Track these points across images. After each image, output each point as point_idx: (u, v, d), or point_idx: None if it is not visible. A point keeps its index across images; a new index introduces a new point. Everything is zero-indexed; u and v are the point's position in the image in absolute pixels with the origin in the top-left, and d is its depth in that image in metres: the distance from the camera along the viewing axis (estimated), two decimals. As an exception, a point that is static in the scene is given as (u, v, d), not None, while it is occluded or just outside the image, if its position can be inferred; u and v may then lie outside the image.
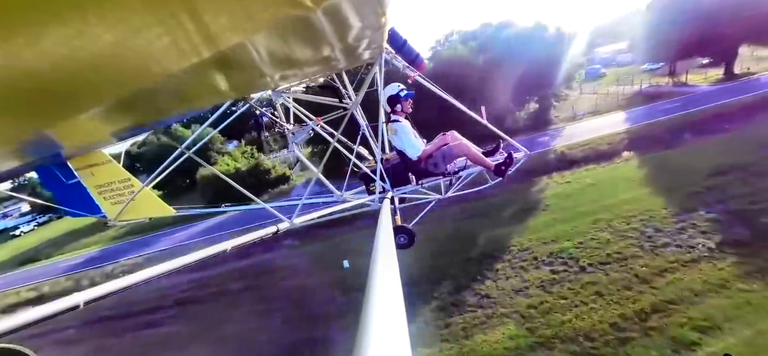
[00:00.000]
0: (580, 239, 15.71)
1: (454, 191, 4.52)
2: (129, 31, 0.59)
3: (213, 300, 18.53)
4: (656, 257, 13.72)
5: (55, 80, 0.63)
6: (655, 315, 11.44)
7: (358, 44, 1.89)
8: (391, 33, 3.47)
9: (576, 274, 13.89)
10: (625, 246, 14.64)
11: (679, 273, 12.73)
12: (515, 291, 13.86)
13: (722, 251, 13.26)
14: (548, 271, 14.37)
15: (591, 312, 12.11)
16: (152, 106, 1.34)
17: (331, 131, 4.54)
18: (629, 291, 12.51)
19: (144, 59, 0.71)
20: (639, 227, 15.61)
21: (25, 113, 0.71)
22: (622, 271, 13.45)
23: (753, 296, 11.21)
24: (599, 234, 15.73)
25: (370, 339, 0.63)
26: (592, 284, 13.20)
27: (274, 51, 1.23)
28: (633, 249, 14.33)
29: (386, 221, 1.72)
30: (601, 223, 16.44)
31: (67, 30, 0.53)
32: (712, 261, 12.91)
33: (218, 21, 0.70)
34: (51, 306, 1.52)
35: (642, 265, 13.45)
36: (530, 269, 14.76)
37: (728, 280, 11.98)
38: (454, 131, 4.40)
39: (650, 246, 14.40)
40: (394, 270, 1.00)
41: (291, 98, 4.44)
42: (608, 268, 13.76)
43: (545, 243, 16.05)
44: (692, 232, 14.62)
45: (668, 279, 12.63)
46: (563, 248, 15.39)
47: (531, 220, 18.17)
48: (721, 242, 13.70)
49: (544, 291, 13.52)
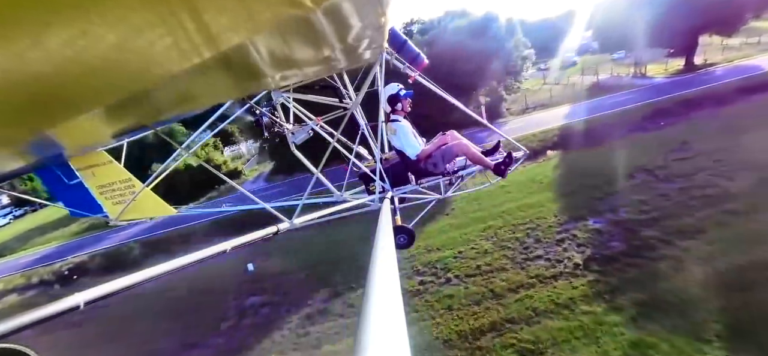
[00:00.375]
0: (462, 248, 15.34)
1: (454, 191, 4.53)
2: (131, 33, 0.59)
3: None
4: (521, 271, 13.31)
5: (58, 82, 0.64)
6: (490, 334, 11.16)
7: (359, 44, 1.86)
8: (391, 33, 3.47)
9: (440, 286, 13.61)
10: (497, 257, 14.24)
11: (533, 290, 12.34)
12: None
13: (586, 268, 12.77)
14: (417, 282, 14.11)
15: (434, 327, 11.89)
16: (153, 106, 1.33)
17: (331, 131, 4.50)
18: (478, 307, 12.21)
19: (146, 60, 0.71)
20: (522, 236, 15.14)
21: (29, 115, 0.71)
22: (482, 285, 13.11)
23: (590, 319, 10.81)
24: (482, 243, 15.32)
25: (370, 339, 0.63)
26: (449, 297, 12.92)
27: (274, 51, 1.23)
28: (503, 262, 13.93)
29: (386, 221, 1.69)
30: (489, 231, 16.02)
31: (69, 32, 0.53)
32: (570, 279, 12.46)
33: (219, 21, 0.70)
34: (51, 307, 1.52)
35: (503, 280, 13.07)
36: (403, 278, 14.49)
37: (575, 300, 11.57)
38: (454, 131, 4.38)
39: (523, 258, 13.98)
40: (394, 270, 1.01)
41: (291, 98, 4.43)
42: (471, 281, 13.42)
43: (430, 251, 15.71)
44: (569, 245, 14.12)
45: (520, 295, 12.26)
46: (442, 257, 15.06)
47: (430, 225, 17.75)
48: (589, 257, 13.20)
49: (405, 302, 13.26)
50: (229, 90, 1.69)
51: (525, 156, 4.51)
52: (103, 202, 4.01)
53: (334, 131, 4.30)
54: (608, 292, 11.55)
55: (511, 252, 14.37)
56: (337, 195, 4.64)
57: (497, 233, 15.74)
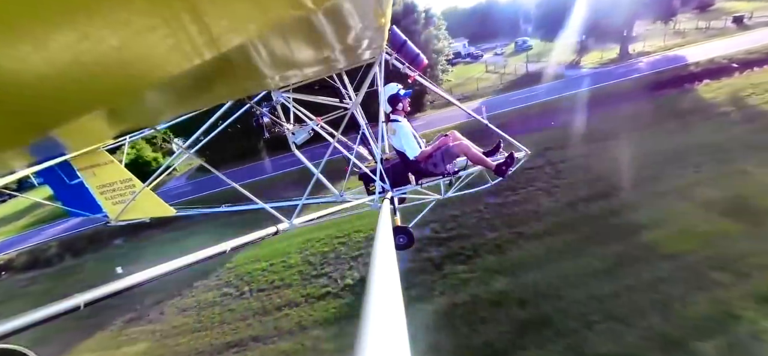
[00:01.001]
0: (276, 260, 15.96)
1: (454, 191, 4.47)
2: (134, 34, 0.61)
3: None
4: (302, 288, 13.88)
5: (60, 83, 0.64)
6: (233, 349, 12.04)
7: (359, 44, 1.88)
8: (391, 33, 3.51)
9: (234, 298, 14.47)
10: (293, 273, 14.82)
11: (295, 309, 12.95)
12: (182, 310, 14.77)
13: (352, 289, 13.17)
14: (217, 293, 15.03)
15: (194, 340, 12.87)
16: (154, 106, 1.34)
17: (331, 131, 4.50)
18: (244, 322, 13.03)
19: (147, 61, 0.72)
20: (328, 251, 15.55)
21: (31, 115, 0.72)
22: (263, 300, 13.85)
23: (312, 343, 11.40)
24: (295, 256, 15.89)
25: (370, 339, 0.64)
26: (230, 311, 13.79)
27: (274, 52, 1.24)
28: (294, 278, 14.52)
29: (386, 221, 1.71)
30: (307, 244, 16.31)
31: (72, 33, 0.54)
32: (331, 300, 12.94)
33: (220, 23, 0.72)
34: (52, 307, 1.54)
35: (280, 296, 13.74)
36: (214, 289, 15.44)
37: (317, 323, 12.12)
38: (455, 131, 4.36)
39: (314, 274, 14.47)
40: (394, 270, 1.01)
41: (291, 98, 4.37)
42: (257, 295, 14.18)
43: (255, 261, 16.47)
44: (358, 263, 14.42)
45: (281, 314, 12.92)
46: (254, 269, 15.80)
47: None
48: (363, 279, 13.53)
49: (197, 312, 14.31)
50: (230, 90, 1.68)
51: (526, 156, 4.38)
52: (103, 202, 3.97)
53: (334, 131, 4.29)
54: (350, 317, 11.99)
55: (308, 267, 14.90)
56: (337, 196, 4.50)
57: (313, 246, 16.18)
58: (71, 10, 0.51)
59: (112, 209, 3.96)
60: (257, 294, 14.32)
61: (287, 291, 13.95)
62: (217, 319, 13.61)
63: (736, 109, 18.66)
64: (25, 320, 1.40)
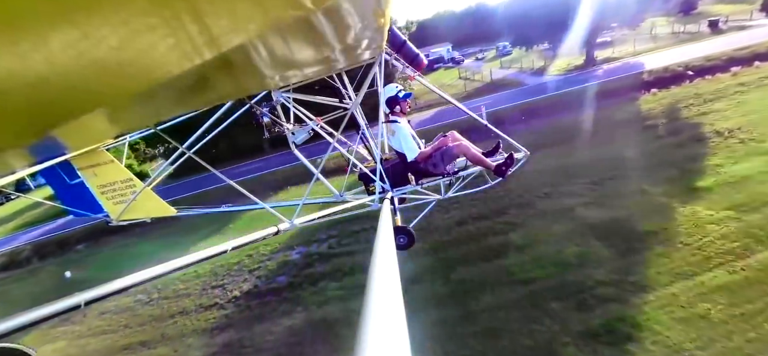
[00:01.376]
0: (210, 266, 16.80)
1: (454, 191, 4.48)
2: (134, 34, 0.61)
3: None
4: (197, 298, 14.76)
5: (60, 83, 0.64)
6: (122, 352, 13.14)
7: (359, 44, 1.89)
8: (391, 33, 3.54)
9: (143, 305, 15.58)
10: (197, 283, 15.75)
11: (185, 318, 13.84)
12: (101, 314, 16.11)
13: (235, 301, 13.91)
14: (132, 298, 16.23)
15: (105, 341, 14.06)
16: (155, 106, 1.31)
17: (331, 131, 4.53)
18: (141, 327, 14.11)
19: (147, 61, 0.72)
20: (244, 259, 16.28)
21: (32, 115, 0.71)
22: (164, 307, 14.83)
23: (184, 351, 12.24)
24: (205, 266, 16.82)
25: (370, 339, 0.64)
26: (136, 316, 14.91)
27: (274, 52, 1.23)
28: (196, 288, 15.46)
29: (386, 222, 1.70)
30: (251, 255, 17.06)
31: (72, 33, 0.54)
32: (215, 310, 13.73)
33: (220, 23, 0.71)
34: (52, 306, 1.54)
35: (178, 305, 14.71)
36: (131, 294, 16.67)
37: (193, 330, 12.97)
38: (455, 131, 4.40)
39: (213, 285, 15.31)
40: (394, 270, 1.00)
41: (291, 98, 4.36)
42: (160, 303, 15.15)
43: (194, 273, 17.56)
44: (251, 275, 15.12)
45: (173, 321, 13.88)
46: (168, 277, 16.92)
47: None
48: (249, 291, 14.21)
49: (111, 316, 15.56)
50: (230, 90, 1.67)
51: (526, 157, 4.38)
52: (104, 202, 3.96)
53: (334, 131, 4.31)
54: (217, 329, 12.74)
55: (212, 278, 15.79)
56: (337, 196, 4.51)
57: (241, 251, 17.03)
58: (71, 9, 0.51)
59: (113, 209, 3.94)
60: (161, 301, 15.38)
61: (186, 300, 14.90)
62: (123, 323, 14.81)
63: (666, 121, 17.62)
64: (26, 319, 1.39)
